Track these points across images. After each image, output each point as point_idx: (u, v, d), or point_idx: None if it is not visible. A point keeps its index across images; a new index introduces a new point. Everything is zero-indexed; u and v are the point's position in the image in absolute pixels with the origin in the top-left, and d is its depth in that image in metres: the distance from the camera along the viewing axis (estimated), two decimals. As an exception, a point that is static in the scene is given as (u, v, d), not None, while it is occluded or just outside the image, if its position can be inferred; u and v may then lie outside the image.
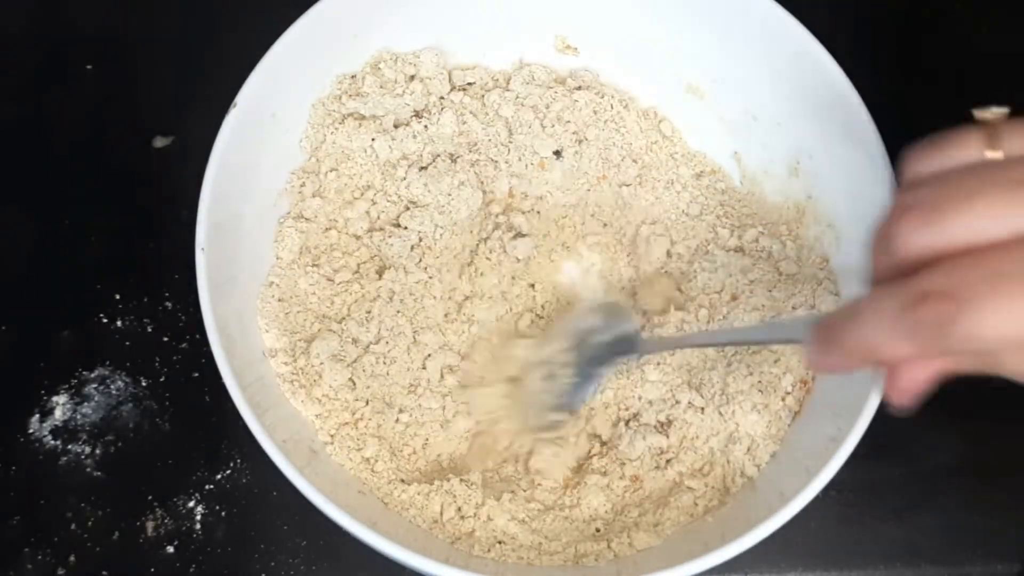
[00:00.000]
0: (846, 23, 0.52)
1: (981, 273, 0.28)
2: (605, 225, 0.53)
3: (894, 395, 0.33)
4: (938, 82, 0.58)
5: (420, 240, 0.50)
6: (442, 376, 0.48)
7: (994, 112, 0.31)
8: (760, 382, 0.45)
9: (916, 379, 0.33)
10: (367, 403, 0.46)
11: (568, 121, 0.52)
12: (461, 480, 0.44)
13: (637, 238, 0.52)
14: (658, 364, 0.46)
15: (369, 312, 0.48)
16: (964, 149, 0.30)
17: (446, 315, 0.49)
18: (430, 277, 0.49)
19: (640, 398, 0.47)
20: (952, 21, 0.60)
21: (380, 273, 0.49)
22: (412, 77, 0.51)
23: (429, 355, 0.48)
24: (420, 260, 0.49)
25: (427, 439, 0.47)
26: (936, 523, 0.49)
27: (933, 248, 0.29)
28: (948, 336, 0.28)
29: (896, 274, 0.30)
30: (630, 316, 0.48)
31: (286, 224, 0.48)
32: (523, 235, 0.51)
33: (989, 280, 0.27)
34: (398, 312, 0.48)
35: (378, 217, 0.50)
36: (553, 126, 0.52)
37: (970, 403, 0.51)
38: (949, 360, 0.32)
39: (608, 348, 0.46)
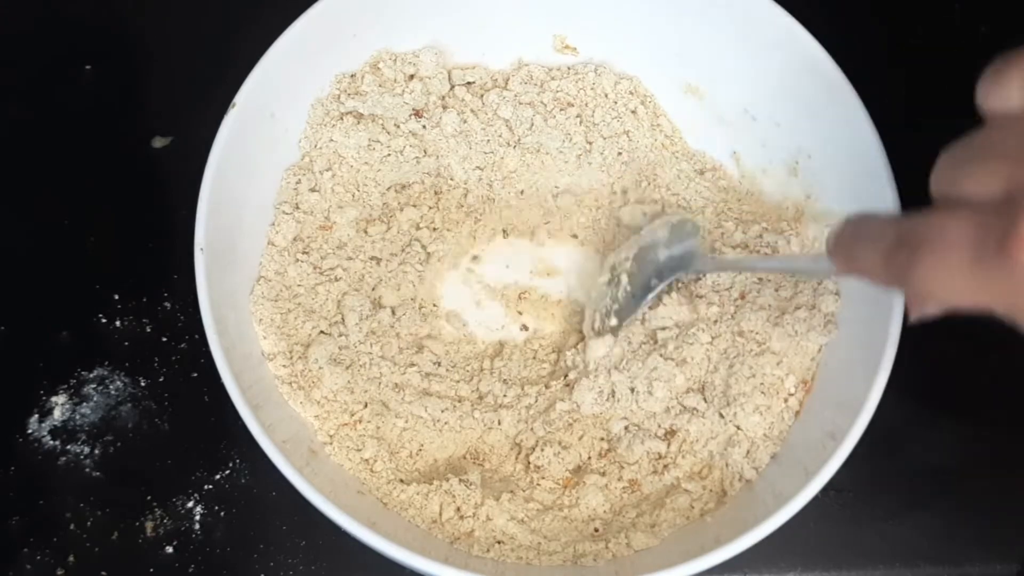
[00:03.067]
0: (845, 23, 0.52)
1: (936, 232, 0.28)
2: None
3: (910, 311, 0.32)
4: (938, 82, 0.58)
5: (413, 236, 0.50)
6: (427, 381, 0.48)
7: None
8: (762, 384, 0.45)
9: (923, 308, 0.31)
10: (366, 405, 0.46)
11: (572, 105, 0.53)
12: (460, 480, 0.44)
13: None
14: (668, 381, 0.46)
15: (357, 312, 0.48)
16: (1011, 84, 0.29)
17: (422, 309, 0.50)
18: (417, 273, 0.50)
19: (644, 411, 0.46)
20: (951, 19, 0.60)
21: (364, 268, 0.50)
22: (411, 76, 0.51)
23: (412, 363, 0.48)
24: (403, 255, 0.50)
25: (422, 444, 0.47)
26: (936, 523, 0.49)
27: (945, 197, 0.29)
28: (908, 282, 0.28)
29: None
30: (697, 233, 0.49)
31: (283, 210, 0.48)
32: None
33: (936, 239, 0.28)
34: (393, 315, 0.48)
35: (370, 213, 0.50)
36: (555, 117, 0.52)
37: (970, 403, 0.51)
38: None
39: (668, 262, 0.48)
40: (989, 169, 0.28)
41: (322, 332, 0.47)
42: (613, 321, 0.48)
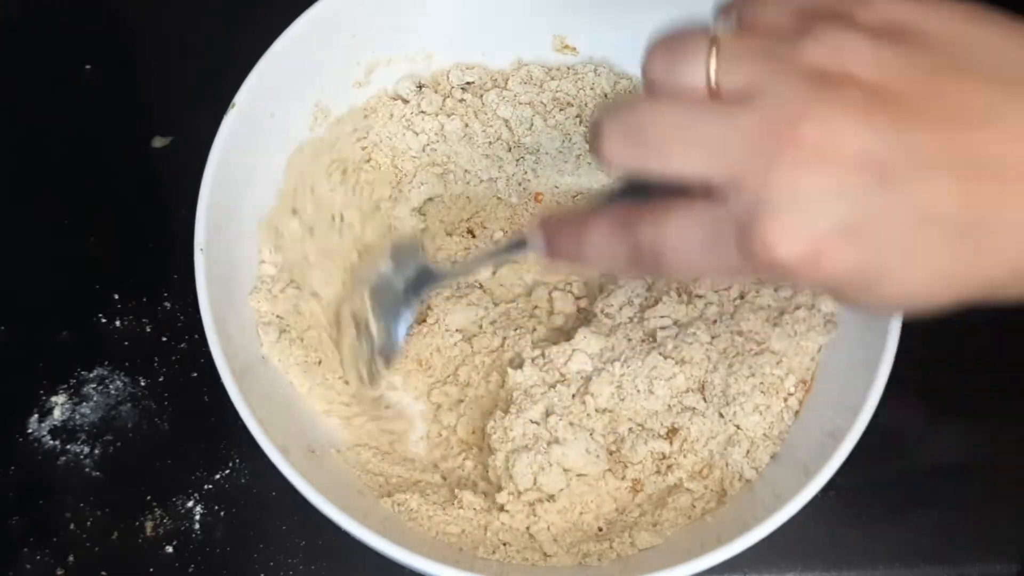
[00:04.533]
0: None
1: (675, 230, 0.29)
2: None
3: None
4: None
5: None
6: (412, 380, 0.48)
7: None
8: (762, 383, 0.45)
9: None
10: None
11: (572, 105, 0.52)
12: (461, 480, 0.44)
13: None
14: (669, 380, 0.46)
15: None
16: (692, 63, 0.29)
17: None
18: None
19: (646, 410, 0.46)
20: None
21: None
22: (420, 86, 0.51)
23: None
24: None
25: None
26: (936, 523, 0.49)
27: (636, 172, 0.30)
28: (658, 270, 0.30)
29: None
30: (417, 250, 0.46)
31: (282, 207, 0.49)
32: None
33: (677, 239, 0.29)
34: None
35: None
36: (555, 117, 0.52)
37: (970, 402, 0.51)
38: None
39: (407, 287, 0.46)
40: (688, 155, 0.28)
41: (323, 332, 0.47)
42: (381, 364, 0.46)
